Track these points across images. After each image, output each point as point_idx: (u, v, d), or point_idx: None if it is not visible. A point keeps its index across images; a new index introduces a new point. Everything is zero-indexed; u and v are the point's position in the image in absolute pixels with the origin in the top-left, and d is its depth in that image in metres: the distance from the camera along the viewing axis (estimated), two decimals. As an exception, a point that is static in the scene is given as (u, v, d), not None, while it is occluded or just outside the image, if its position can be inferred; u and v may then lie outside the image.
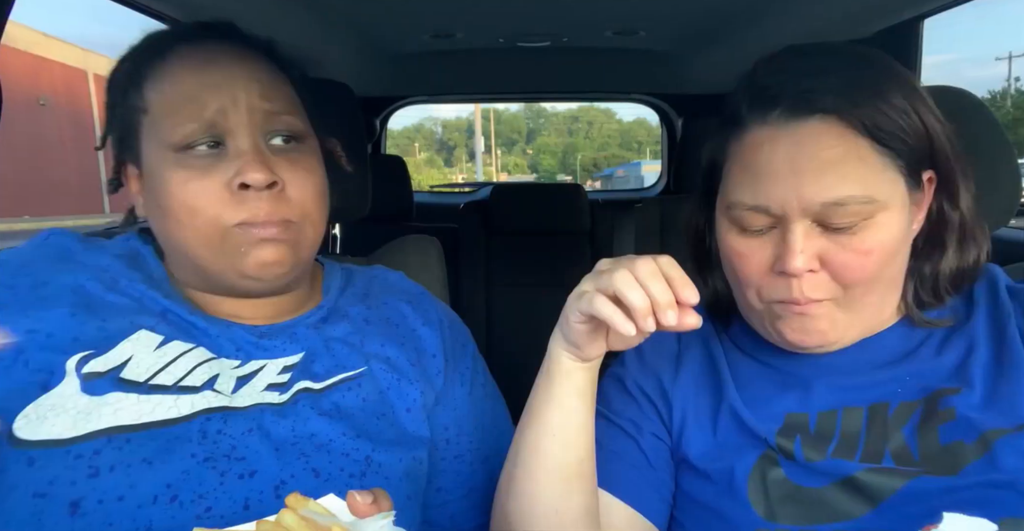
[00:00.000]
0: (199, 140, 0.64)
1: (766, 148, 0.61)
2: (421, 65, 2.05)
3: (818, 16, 1.38)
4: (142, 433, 0.58)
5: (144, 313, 0.65)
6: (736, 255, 0.64)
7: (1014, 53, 33.28)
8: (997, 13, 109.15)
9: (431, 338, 0.78)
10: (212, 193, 0.63)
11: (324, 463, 0.63)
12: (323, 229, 0.72)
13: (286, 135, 0.68)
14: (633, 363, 0.75)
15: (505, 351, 2.10)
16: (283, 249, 0.66)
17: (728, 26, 1.59)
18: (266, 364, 0.67)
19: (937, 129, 0.61)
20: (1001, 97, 31.55)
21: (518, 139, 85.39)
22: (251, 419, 0.62)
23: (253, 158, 0.64)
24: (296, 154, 0.68)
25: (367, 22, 1.57)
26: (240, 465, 0.60)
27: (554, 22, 1.65)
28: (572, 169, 70.37)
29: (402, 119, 60.68)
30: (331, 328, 0.73)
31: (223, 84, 0.65)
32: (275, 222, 0.65)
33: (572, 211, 2.19)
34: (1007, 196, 0.79)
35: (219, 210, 0.63)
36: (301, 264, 0.70)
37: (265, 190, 0.64)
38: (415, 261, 1.06)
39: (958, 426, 0.59)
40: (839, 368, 0.66)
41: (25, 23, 14.18)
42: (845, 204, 0.58)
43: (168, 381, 0.62)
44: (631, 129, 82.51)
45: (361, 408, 0.68)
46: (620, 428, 0.70)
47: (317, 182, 0.70)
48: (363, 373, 0.70)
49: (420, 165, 70.69)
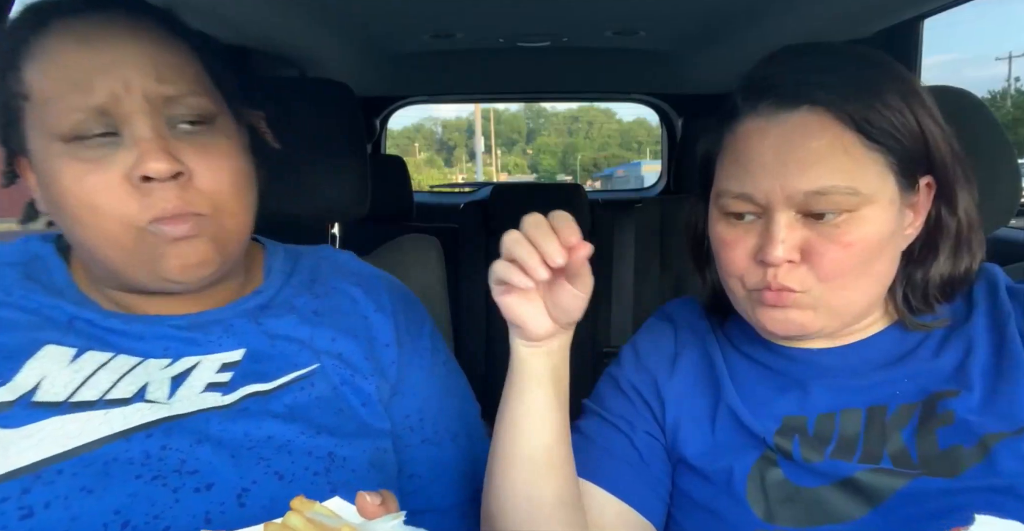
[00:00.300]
0: (90, 130, 0.57)
1: (755, 138, 0.62)
2: (421, 65, 2.05)
3: (818, 16, 1.38)
4: (74, 460, 0.53)
5: (47, 327, 0.59)
6: (723, 243, 0.65)
7: (1014, 53, 33.31)
8: (997, 13, 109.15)
9: (383, 326, 0.73)
10: (112, 188, 0.57)
11: (287, 464, 0.59)
12: (248, 219, 0.66)
13: (192, 119, 0.60)
14: (629, 363, 0.75)
15: (505, 351, 2.10)
16: (204, 247, 0.60)
17: (728, 26, 1.59)
18: (200, 361, 0.62)
19: (935, 133, 0.61)
20: (1001, 97, 31.56)
21: (518, 139, 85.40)
22: (197, 429, 0.57)
23: (152, 146, 0.57)
24: (206, 138, 0.61)
25: (367, 22, 1.57)
26: (194, 479, 0.55)
27: (554, 22, 1.65)
28: (572, 169, 70.40)
29: (402, 119, 60.74)
30: (275, 321, 0.67)
31: (112, 66, 0.57)
32: (186, 216, 0.58)
33: (572, 211, 2.14)
34: (1007, 196, 0.79)
35: (124, 208, 0.57)
36: (229, 260, 0.65)
37: (170, 181, 0.57)
38: (415, 261, 1.06)
39: (957, 430, 0.58)
40: (836, 370, 0.66)
41: (25, 23, 14.16)
42: (827, 193, 0.59)
43: (92, 396, 0.56)
44: (631, 129, 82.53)
45: (316, 405, 0.64)
46: (613, 425, 0.70)
47: (233, 167, 0.63)
48: (315, 371, 0.66)
49: (420, 165, 70.71)
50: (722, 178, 0.65)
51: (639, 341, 0.77)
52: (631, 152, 74.18)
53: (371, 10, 1.47)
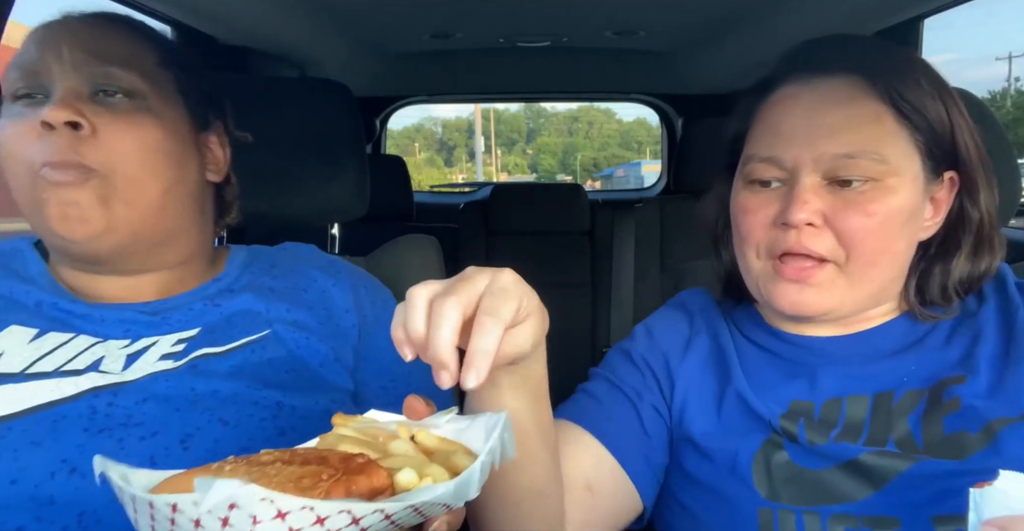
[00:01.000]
0: (22, 90, 0.65)
1: (788, 103, 0.64)
2: (421, 65, 2.05)
3: (818, 15, 1.38)
4: (25, 418, 0.57)
5: (14, 309, 0.65)
6: (743, 211, 0.66)
7: (1014, 53, 33.29)
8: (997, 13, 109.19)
9: (342, 296, 0.78)
10: (22, 136, 0.63)
11: (231, 413, 0.62)
12: (154, 194, 0.68)
13: (112, 88, 0.66)
14: (642, 338, 0.76)
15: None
16: (87, 202, 0.63)
17: (728, 26, 1.59)
18: (157, 340, 0.66)
19: (963, 128, 0.63)
20: (1001, 97, 31.55)
21: (518, 139, 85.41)
22: (144, 388, 0.62)
23: (60, 97, 0.63)
24: (126, 107, 0.66)
25: (367, 22, 1.57)
26: (139, 429, 0.59)
27: (554, 22, 1.65)
28: (572, 169, 70.40)
29: (402, 119, 60.79)
30: (231, 301, 0.72)
31: (51, 39, 0.66)
32: (71, 164, 0.62)
33: (572, 211, 2.19)
34: (1007, 196, 0.79)
35: (24, 151, 0.63)
36: (126, 231, 0.66)
37: (67, 130, 0.62)
38: (415, 261, 1.06)
39: (963, 416, 0.59)
40: (844, 357, 0.67)
41: (25, 23, 14.16)
42: (855, 157, 0.59)
43: (48, 368, 0.61)
44: (631, 129, 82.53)
45: (268, 366, 0.68)
46: (622, 392, 0.71)
47: (144, 137, 0.66)
48: (266, 336, 0.70)
49: (420, 165, 70.71)
50: (750, 144, 0.66)
51: (653, 322, 0.78)
52: (631, 152, 74.17)
53: (371, 10, 1.47)
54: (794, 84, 0.64)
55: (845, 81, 0.62)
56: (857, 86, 0.62)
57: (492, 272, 0.47)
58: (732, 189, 0.69)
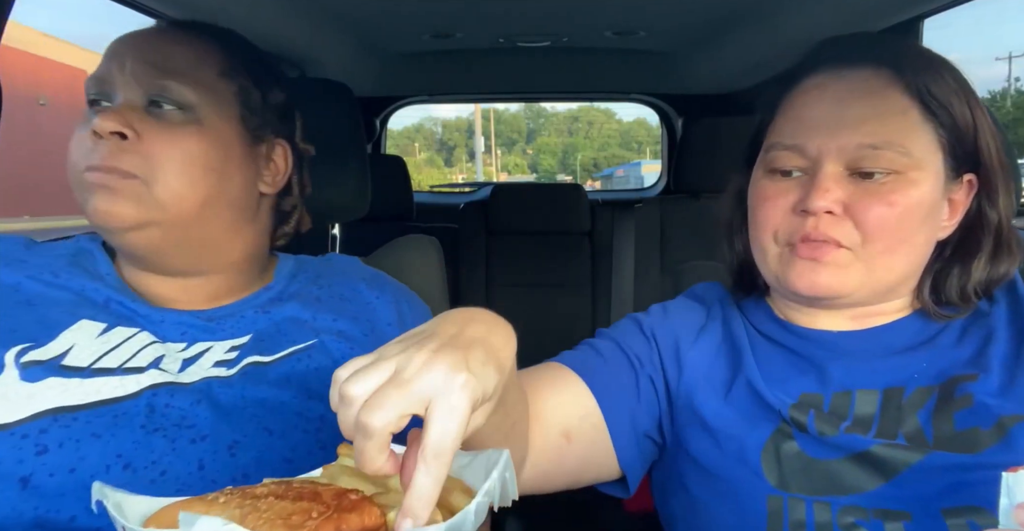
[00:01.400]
0: (91, 97, 0.70)
1: (814, 93, 0.64)
2: (421, 65, 2.05)
3: (818, 16, 1.38)
4: (89, 411, 0.60)
5: (85, 304, 0.67)
6: (762, 199, 0.66)
7: (1014, 53, 33.28)
8: (997, 13, 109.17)
9: (385, 310, 0.79)
10: (81, 140, 0.67)
11: (277, 422, 0.65)
12: (189, 203, 0.68)
13: (163, 101, 0.69)
14: (658, 315, 0.76)
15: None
16: (119, 200, 0.65)
17: (728, 26, 1.59)
18: (212, 345, 0.69)
19: (985, 129, 0.63)
20: (1001, 97, 31.54)
21: (518, 139, 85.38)
22: (199, 391, 0.64)
23: (112, 111, 0.66)
24: (175, 119, 0.69)
25: (366, 22, 1.57)
26: (191, 431, 0.62)
27: (554, 22, 1.65)
28: (572, 169, 70.38)
29: (402, 119, 60.74)
30: (280, 309, 0.74)
31: (119, 51, 0.70)
32: (111, 169, 0.65)
33: (572, 211, 2.19)
34: (1007, 196, 0.79)
35: (74, 154, 0.67)
36: (163, 231, 0.68)
37: (114, 139, 0.65)
38: (415, 261, 1.06)
39: (975, 413, 0.59)
40: (855, 352, 0.67)
41: (25, 23, 14.18)
42: (880, 148, 0.60)
43: (113, 364, 0.63)
44: (631, 129, 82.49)
45: (314, 375, 0.70)
46: (625, 355, 0.71)
47: (184, 148, 0.68)
48: (313, 345, 0.72)
49: (420, 165, 70.67)
50: (773, 133, 0.66)
51: (671, 305, 0.78)
52: (631, 152, 74.14)
53: (371, 10, 1.47)
54: (822, 74, 0.64)
55: (874, 73, 0.62)
56: (886, 79, 0.62)
57: (449, 361, 0.38)
58: (751, 179, 0.69)
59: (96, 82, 0.69)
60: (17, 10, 0.87)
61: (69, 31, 79.04)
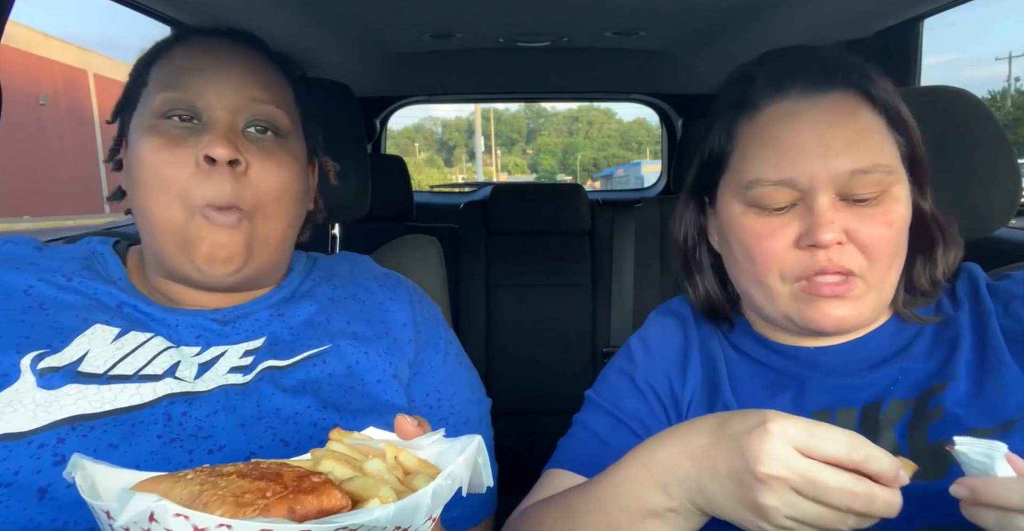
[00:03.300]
0: (175, 110, 0.67)
1: (788, 122, 0.62)
2: (421, 65, 2.05)
3: (818, 16, 1.38)
4: (106, 420, 0.59)
5: (99, 309, 0.66)
6: (756, 237, 0.64)
7: (1014, 53, 33.29)
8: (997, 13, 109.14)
9: (399, 310, 0.79)
10: (180, 165, 0.65)
11: (292, 433, 0.64)
12: (282, 229, 0.72)
13: (264, 125, 0.69)
14: (640, 356, 0.74)
15: (505, 351, 2.10)
16: (237, 243, 0.66)
17: (728, 26, 1.59)
18: (227, 350, 0.68)
19: (912, 121, 0.65)
20: (1001, 97, 31.53)
21: (518, 139, 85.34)
22: (215, 401, 0.63)
23: (222, 134, 0.65)
24: (271, 145, 0.69)
25: (366, 22, 1.57)
26: (208, 442, 0.61)
27: (554, 22, 1.64)
28: (572, 169, 70.36)
29: (402, 119, 60.72)
30: (294, 310, 0.73)
31: (213, 66, 0.68)
32: (233, 207, 0.65)
33: (572, 211, 2.19)
34: (1007, 196, 0.79)
35: (186, 185, 0.65)
36: (256, 265, 0.70)
37: (227, 167, 0.65)
38: (415, 261, 1.06)
39: (945, 424, 0.59)
40: (833, 368, 0.67)
41: (25, 23, 14.18)
42: (870, 172, 0.60)
43: (128, 371, 0.63)
44: (631, 129, 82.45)
45: (328, 382, 0.69)
46: (628, 427, 0.70)
47: (285, 176, 0.70)
48: (328, 350, 0.71)
49: (420, 165, 70.67)
50: (750, 167, 0.64)
51: (649, 335, 0.76)
52: (631, 152, 74.11)
53: (371, 10, 1.47)
54: (790, 101, 0.63)
55: (843, 94, 0.62)
56: (855, 99, 0.62)
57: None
58: (728, 215, 0.67)
59: (181, 91, 0.67)
60: (17, 10, 0.87)
61: (69, 31, 79.04)
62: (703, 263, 0.74)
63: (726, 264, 0.72)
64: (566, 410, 0.79)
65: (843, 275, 0.61)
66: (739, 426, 0.47)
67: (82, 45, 20.04)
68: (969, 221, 0.79)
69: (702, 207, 0.73)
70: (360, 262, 0.87)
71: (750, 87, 0.65)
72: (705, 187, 0.71)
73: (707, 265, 0.74)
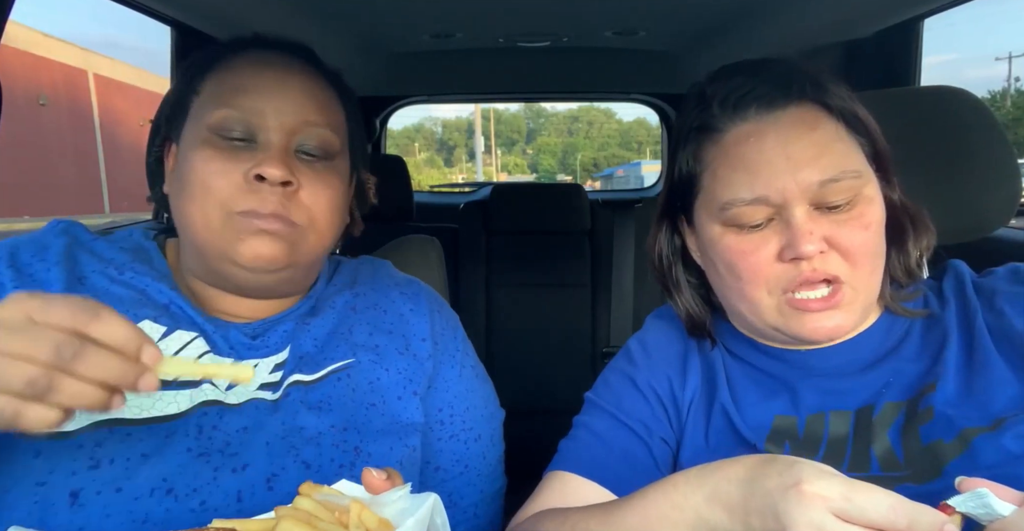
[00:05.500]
0: (232, 127, 0.67)
1: (752, 141, 0.63)
2: (420, 65, 2.05)
3: (818, 16, 1.38)
4: (143, 428, 0.60)
5: (148, 305, 0.67)
6: (739, 254, 0.65)
7: (1014, 53, 33.29)
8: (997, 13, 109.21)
9: (419, 323, 0.79)
10: (229, 178, 0.66)
11: (314, 455, 0.65)
12: (327, 244, 0.74)
13: (316, 150, 0.70)
14: (642, 360, 0.75)
15: (505, 350, 2.10)
16: (279, 246, 0.67)
17: (728, 26, 1.59)
18: (257, 363, 0.69)
19: (869, 116, 0.66)
20: (1001, 97, 31.53)
21: (518, 139, 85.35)
22: (246, 416, 0.64)
23: (276, 155, 0.66)
24: (321, 167, 0.71)
25: (367, 22, 1.57)
26: (233, 460, 0.62)
27: (554, 22, 1.64)
28: (572, 169, 70.37)
29: (402, 119, 60.75)
30: (318, 320, 0.74)
31: (274, 86, 0.69)
32: (280, 217, 0.66)
33: (572, 211, 2.19)
34: (1007, 196, 0.79)
35: (229, 196, 0.65)
36: (294, 269, 0.71)
37: (279, 187, 0.66)
38: (415, 261, 1.06)
39: (936, 425, 0.59)
40: (826, 371, 0.67)
41: (25, 23, 14.18)
42: (839, 179, 0.61)
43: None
44: (631, 129, 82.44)
45: (351, 398, 0.70)
46: (630, 429, 0.70)
47: (333, 196, 0.71)
48: (351, 365, 0.72)
49: (420, 165, 70.66)
50: (723, 189, 0.65)
51: (649, 339, 0.77)
52: (631, 152, 74.09)
53: (371, 10, 1.47)
54: (751, 122, 0.64)
55: (803, 109, 0.63)
56: (813, 110, 0.63)
57: None
58: (705, 234, 0.68)
59: (238, 111, 0.67)
60: (17, 10, 0.87)
61: (69, 31, 79.03)
62: (680, 282, 0.75)
63: (710, 280, 0.72)
64: (566, 410, 0.79)
65: (829, 283, 0.62)
66: (773, 482, 0.45)
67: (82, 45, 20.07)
68: (969, 221, 0.79)
69: (675, 228, 0.74)
70: (381, 267, 0.87)
71: (708, 110, 0.67)
72: (680, 209, 0.72)
73: (684, 283, 0.75)
